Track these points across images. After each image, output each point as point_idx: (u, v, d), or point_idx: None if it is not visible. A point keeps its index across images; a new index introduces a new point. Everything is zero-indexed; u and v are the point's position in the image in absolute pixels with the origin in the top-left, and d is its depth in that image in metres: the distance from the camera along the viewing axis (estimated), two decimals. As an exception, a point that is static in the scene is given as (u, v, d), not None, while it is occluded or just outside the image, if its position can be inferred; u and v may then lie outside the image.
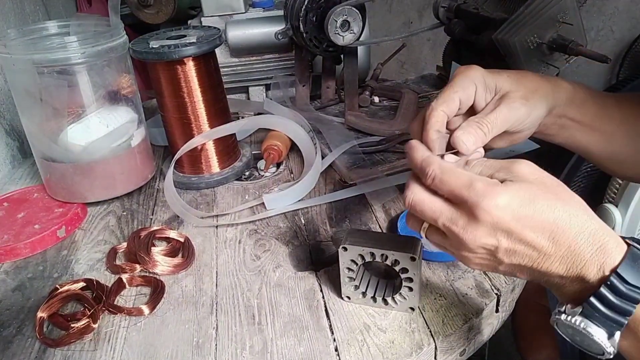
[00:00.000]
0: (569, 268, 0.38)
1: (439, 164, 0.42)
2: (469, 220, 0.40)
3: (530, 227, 0.38)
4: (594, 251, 0.38)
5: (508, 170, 0.41)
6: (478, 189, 0.39)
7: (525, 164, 0.40)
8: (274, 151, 0.85)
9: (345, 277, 0.54)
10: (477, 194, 0.38)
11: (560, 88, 0.54)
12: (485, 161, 0.43)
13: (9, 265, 0.67)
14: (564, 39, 0.74)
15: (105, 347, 0.53)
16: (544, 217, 0.38)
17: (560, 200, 0.39)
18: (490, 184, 0.39)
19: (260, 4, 1.13)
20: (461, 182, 0.40)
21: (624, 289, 0.36)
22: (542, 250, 0.39)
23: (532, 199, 0.38)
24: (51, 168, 0.76)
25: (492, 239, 0.39)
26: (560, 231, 0.38)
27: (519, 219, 0.38)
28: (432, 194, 0.42)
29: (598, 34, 1.73)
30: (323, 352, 0.50)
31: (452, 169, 0.41)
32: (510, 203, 0.38)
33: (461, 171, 0.41)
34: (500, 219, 0.38)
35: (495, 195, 0.38)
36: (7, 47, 0.68)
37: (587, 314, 0.38)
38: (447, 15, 0.97)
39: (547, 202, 0.38)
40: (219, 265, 0.64)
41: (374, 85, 1.07)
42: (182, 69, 0.74)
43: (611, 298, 0.37)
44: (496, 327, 0.59)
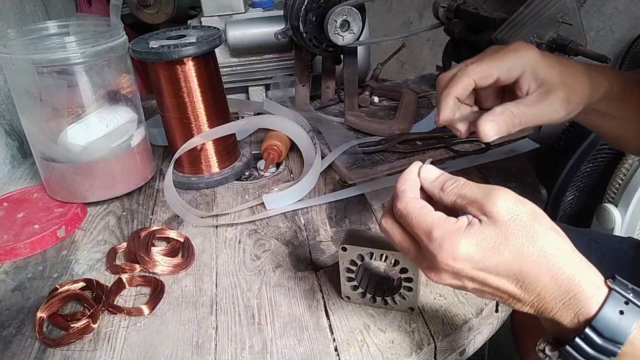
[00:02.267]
0: (541, 312, 0.37)
1: (406, 203, 0.40)
2: (431, 265, 0.39)
3: (495, 274, 0.37)
4: (567, 300, 0.36)
5: (481, 206, 0.37)
6: (436, 239, 0.37)
7: (502, 199, 0.37)
8: (273, 151, 0.85)
9: (345, 277, 0.54)
10: (435, 244, 0.37)
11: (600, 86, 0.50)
12: (461, 188, 0.40)
13: (8, 265, 0.67)
14: (563, 39, 0.74)
15: (105, 347, 0.53)
16: (508, 268, 0.36)
17: (533, 244, 0.36)
18: (449, 234, 0.37)
19: (260, 4, 1.13)
20: (421, 229, 0.38)
21: (600, 342, 0.35)
22: (510, 294, 0.38)
23: (497, 247, 0.36)
24: (51, 168, 0.76)
25: (457, 281, 0.39)
26: (527, 280, 0.36)
27: (480, 268, 0.37)
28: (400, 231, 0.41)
29: (598, 34, 1.73)
30: (323, 352, 0.50)
31: (414, 212, 0.39)
32: (471, 254, 0.36)
33: (424, 215, 0.38)
34: (460, 269, 0.37)
35: (453, 247, 0.36)
36: (7, 47, 0.68)
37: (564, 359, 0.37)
38: (447, 15, 0.97)
39: (513, 251, 0.36)
40: (218, 265, 0.64)
41: (374, 85, 1.07)
42: (182, 69, 0.74)
43: (587, 350, 0.35)
44: (496, 327, 0.59)
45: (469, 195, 0.39)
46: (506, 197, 0.37)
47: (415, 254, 0.40)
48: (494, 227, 0.36)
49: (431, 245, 0.37)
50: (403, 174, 0.43)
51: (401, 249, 0.42)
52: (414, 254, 0.41)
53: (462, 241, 0.36)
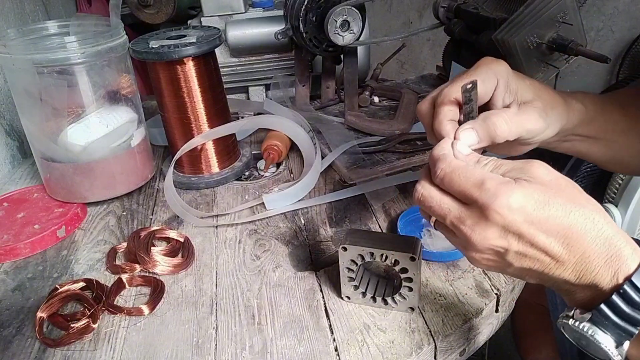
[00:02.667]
0: (582, 275, 0.37)
1: (449, 162, 0.40)
2: (478, 220, 0.38)
3: (544, 231, 0.36)
4: (608, 257, 0.36)
5: (521, 170, 0.38)
6: (490, 188, 0.37)
7: (539, 164, 0.38)
8: (273, 151, 0.85)
9: (345, 277, 0.54)
10: (489, 193, 0.37)
11: (574, 110, 0.52)
12: (497, 160, 0.40)
13: (8, 265, 0.67)
14: (563, 39, 0.74)
15: (105, 347, 0.53)
16: (558, 222, 0.36)
17: (576, 204, 0.37)
18: (503, 183, 0.37)
19: (260, 4, 1.13)
20: (471, 182, 0.38)
21: (637, 298, 0.35)
22: (554, 256, 0.37)
23: (547, 201, 0.36)
24: (51, 168, 0.76)
25: (502, 240, 0.38)
26: (575, 236, 0.36)
27: (532, 221, 0.36)
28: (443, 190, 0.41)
29: (598, 34, 1.73)
30: (323, 352, 0.50)
31: (462, 168, 0.39)
32: (524, 204, 0.36)
33: (472, 170, 0.39)
34: (513, 220, 0.36)
35: (508, 195, 0.36)
36: (7, 47, 0.68)
37: (596, 321, 0.36)
38: (447, 15, 0.97)
39: (562, 206, 0.36)
40: (218, 265, 0.64)
41: (374, 85, 1.07)
42: (182, 69, 0.74)
43: (623, 307, 0.35)
44: (496, 327, 0.59)
45: (507, 164, 0.39)
46: (544, 164, 0.39)
47: (457, 213, 0.39)
48: (540, 185, 0.37)
49: (484, 195, 0.37)
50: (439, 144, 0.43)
51: (439, 212, 0.41)
52: (455, 214, 0.39)
53: (515, 191, 0.36)
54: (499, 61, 0.48)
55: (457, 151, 0.42)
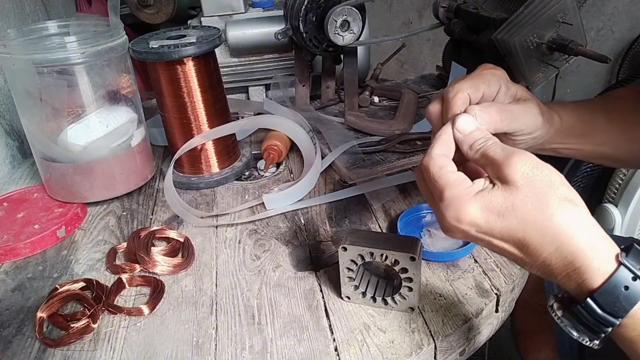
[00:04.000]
0: (547, 277, 0.38)
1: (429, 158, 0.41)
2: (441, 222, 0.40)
3: (499, 239, 0.38)
4: (570, 271, 0.36)
5: (498, 169, 0.38)
6: (445, 199, 0.39)
7: (520, 163, 0.37)
8: (273, 151, 0.85)
9: (345, 277, 0.54)
10: (444, 205, 0.39)
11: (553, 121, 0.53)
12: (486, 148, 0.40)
13: (8, 265, 0.67)
14: (563, 39, 0.74)
15: (105, 347, 0.53)
16: (512, 234, 0.37)
17: (541, 213, 0.36)
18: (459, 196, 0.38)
19: (260, 4, 1.13)
20: (435, 187, 0.40)
21: (600, 313, 0.35)
22: (516, 257, 0.39)
23: (503, 212, 0.37)
24: (51, 168, 0.76)
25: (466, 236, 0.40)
26: (531, 247, 0.37)
27: (484, 232, 0.38)
28: None
29: (598, 34, 1.73)
30: (323, 352, 0.50)
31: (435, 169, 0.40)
32: (475, 218, 0.38)
33: (444, 173, 0.40)
34: (465, 231, 0.39)
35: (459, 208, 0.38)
36: (7, 47, 0.68)
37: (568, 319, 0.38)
38: (447, 15, 0.97)
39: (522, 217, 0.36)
40: (218, 265, 0.64)
41: (374, 85, 1.07)
42: (182, 69, 0.74)
43: (587, 317, 0.36)
44: (496, 327, 0.59)
45: (490, 155, 0.40)
46: (525, 162, 0.37)
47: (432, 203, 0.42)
48: (505, 192, 0.37)
49: (441, 205, 0.39)
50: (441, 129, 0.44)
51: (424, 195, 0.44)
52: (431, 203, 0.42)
53: (468, 205, 0.38)
54: (499, 68, 0.50)
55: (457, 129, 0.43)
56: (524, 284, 0.63)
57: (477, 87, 0.47)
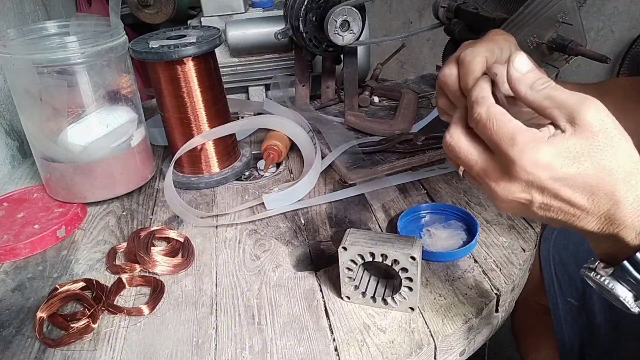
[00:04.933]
0: (607, 228, 0.36)
1: (487, 108, 0.38)
2: (503, 174, 0.37)
3: (570, 186, 0.36)
4: (635, 217, 0.35)
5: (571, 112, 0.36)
6: (519, 144, 0.36)
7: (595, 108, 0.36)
8: (273, 151, 0.85)
9: (345, 277, 0.54)
10: (517, 148, 0.36)
11: None
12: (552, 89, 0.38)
13: (8, 265, 0.67)
14: (563, 39, 0.74)
15: (105, 347, 0.53)
16: (587, 179, 0.35)
17: (615, 160, 0.35)
18: (533, 139, 0.36)
19: (260, 4, 1.13)
20: (503, 134, 0.37)
21: None
22: (579, 208, 0.36)
23: (579, 157, 0.35)
24: (51, 168, 0.76)
25: (525, 194, 0.37)
26: (602, 193, 0.35)
27: (557, 178, 0.36)
28: (472, 139, 0.40)
29: (598, 34, 1.73)
30: (323, 352, 0.50)
31: (498, 117, 0.37)
32: (551, 162, 0.35)
33: (507, 120, 0.37)
34: (537, 177, 0.36)
35: (536, 152, 0.35)
36: (7, 47, 0.68)
37: (617, 276, 0.37)
38: (446, 15, 0.97)
39: (597, 162, 0.35)
40: (218, 265, 0.64)
41: (374, 85, 1.07)
42: (182, 69, 0.74)
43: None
44: (496, 327, 0.59)
45: (560, 98, 0.37)
46: (600, 108, 0.36)
47: (484, 165, 0.39)
48: (579, 137, 0.36)
49: (513, 150, 0.36)
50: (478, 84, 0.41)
51: (466, 162, 0.40)
52: (481, 166, 0.39)
53: (544, 147, 0.35)
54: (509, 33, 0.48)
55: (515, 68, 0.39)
56: (524, 284, 0.63)
57: (492, 51, 0.45)
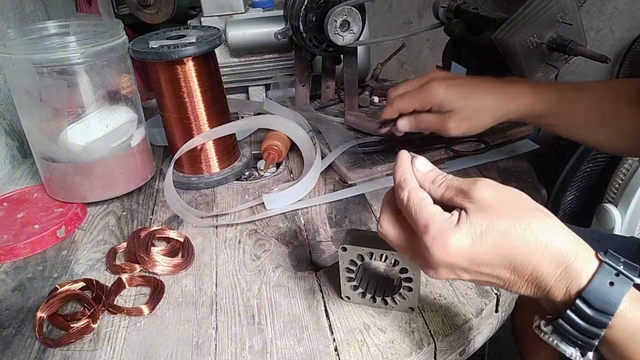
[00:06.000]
0: (536, 291, 0.38)
1: (408, 193, 0.41)
2: (427, 260, 0.40)
3: (487, 264, 0.38)
4: (557, 275, 0.37)
5: (466, 193, 0.40)
6: (431, 232, 0.38)
7: (484, 185, 0.39)
8: (273, 151, 0.85)
9: (345, 277, 0.54)
10: (429, 237, 0.39)
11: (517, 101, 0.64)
12: (449, 181, 0.42)
13: (8, 265, 0.67)
14: (563, 39, 0.74)
15: (105, 347, 0.53)
16: (499, 251, 0.37)
17: (519, 223, 0.37)
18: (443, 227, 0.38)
19: (260, 4, 1.12)
20: (419, 220, 0.39)
21: (590, 313, 0.36)
22: (505, 279, 0.39)
23: (485, 231, 0.37)
24: (51, 168, 0.76)
25: (452, 274, 0.40)
26: (519, 261, 0.37)
27: (472, 259, 0.38)
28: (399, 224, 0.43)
29: (598, 34, 1.73)
30: (323, 352, 0.50)
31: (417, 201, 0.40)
32: (462, 247, 0.38)
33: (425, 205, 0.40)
34: (454, 261, 0.38)
35: (445, 241, 0.38)
36: (7, 47, 0.68)
37: (558, 333, 0.38)
38: (446, 15, 0.97)
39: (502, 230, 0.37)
40: (218, 265, 0.64)
41: (374, 85, 1.07)
42: (182, 69, 0.74)
43: (578, 321, 0.36)
44: (496, 327, 0.59)
45: (456, 185, 0.41)
46: (489, 183, 0.40)
47: (412, 248, 0.42)
48: (480, 212, 0.38)
49: (426, 237, 0.39)
50: (398, 164, 0.44)
51: (397, 246, 0.43)
52: (411, 249, 0.42)
53: (453, 236, 0.38)
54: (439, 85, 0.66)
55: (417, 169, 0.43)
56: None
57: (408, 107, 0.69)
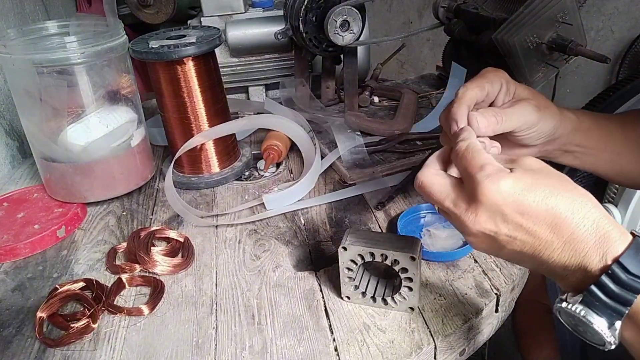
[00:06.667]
0: (571, 256, 0.38)
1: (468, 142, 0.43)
2: (470, 203, 0.40)
3: (530, 215, 0.39)
4: (596, 239, 0.37)
5: (514, 161, 0.42)
6: (485, 170, 0.40)
7: (532, 158, 0.42)
8: (273, 151, 0.85)
9: (345, 277, 0.54)
10: (483, 174, 0.39)
11: (567, 118, 0.56)
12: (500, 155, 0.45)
13: (8, 265, 0.67)
14: (563, 39, 0.74)
15: (105, 347, 0.53)
16: (544, 206, 0.38)
17: (563, 189, 0.39)
18: (498, 170, 0.40)
19: (260, 4, 1.13)
20: (475, 162, 0.41)
21: (625, 278, 0.36)
22: (542, 238, 0.39)
23: (534, 186, 0.39)
24: (51, 168, 0.76)
25: (491, 223, 0.40)
26: (561, 219, 0.38)
27: (518, 205, 0.39)
28: (442, 175, 0.44)
29: (598, 34, 1.73)
30: (323, 352, 0.50)
31: (476, 148, 0.42)
32: (513, 188, 0.39)
33: (483, 152, 0.42)
34: (500, 204, 0.39)
35: (498, 179, 0.39)
36: (7, 47, 0.68)
37: (587, 302, 0.38)
38: (446, 15, 0.97)
39: (549, 189, 0.39)
40: (218, 265, 0.64)
41: (374, 85, 1.07)
42: (182, 69, 0.74)
43: (612, 287, 0.37)
44: (496, 327, 0.59)
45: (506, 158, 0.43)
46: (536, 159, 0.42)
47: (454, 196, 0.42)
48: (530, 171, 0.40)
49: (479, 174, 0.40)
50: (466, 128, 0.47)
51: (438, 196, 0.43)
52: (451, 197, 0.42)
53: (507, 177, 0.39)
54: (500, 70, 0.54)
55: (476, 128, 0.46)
56: (524, 283, 0.63)
57: (482, 86, 0.51)
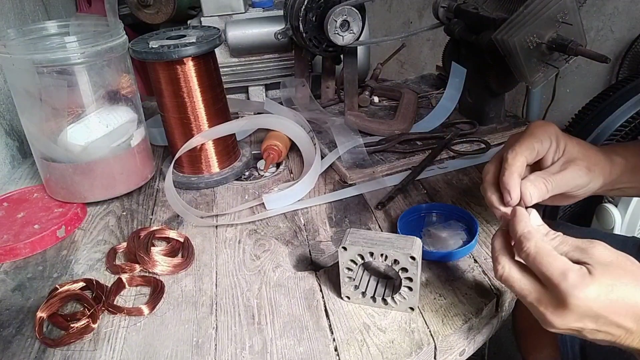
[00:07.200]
0: None
1: (535, 243, 0.43)
2: (557, 305, 0.41)
3: (616, 313, 0.41)
4: None
5: (584, 252, 0.42)
6: (571, 280, 0.40)
7: (599, 245, 0.42)
8: (273, 151, 0.85)
9: (345, 277, 0.54)
10: (570, 284, 0.40)
11: (616, 164, 0.56)
12: (563, 236, 0.45)
13: (8, 265, 0.67)
14: (563, 39, 0.74)
15: (105, 347, 0.53)
16: (627, 301, 0.40)
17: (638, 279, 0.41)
18: (581, 275, 0.40)
19: (260, 4, 1.13)
20: (555, 269, 0.41)
21: None
22: (627, 330, 0.41)
23: (614, 284, 0.40)
24: (51, 168, 0.76)
25: (579, 323, 0.41)
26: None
27: (606, 307, 0.40)
28: (522, 270, 0.44)
29: (598, 34, 1.73)
30: (323, 352, 0.50)
31: (547, 252, 0.42)
32: (599, 293, 0.40)
33: (556, 257, 0.42)
34: (590, 308, 0.40)
35: (585, 287, 0.40)
36: (7, 47, 0.68)
37: None
38: (446, 15, 0.97)
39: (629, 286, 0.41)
40: (218, 265, 0.64)
41: (374, 85, 1.07)
42: (182, 69, 0.74)
43: None
44: (496, 327, 0.59)
45: (571, 241, 0.44)
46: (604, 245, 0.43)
47: (538, 295, 0.43)
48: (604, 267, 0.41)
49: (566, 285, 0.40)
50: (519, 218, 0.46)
51: (520, 292, 0.44)
52: (535, 296, 0.43)
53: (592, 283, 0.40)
54: (550, 124, 0.53)
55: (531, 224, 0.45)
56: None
57: (532, 147, 0.50)
